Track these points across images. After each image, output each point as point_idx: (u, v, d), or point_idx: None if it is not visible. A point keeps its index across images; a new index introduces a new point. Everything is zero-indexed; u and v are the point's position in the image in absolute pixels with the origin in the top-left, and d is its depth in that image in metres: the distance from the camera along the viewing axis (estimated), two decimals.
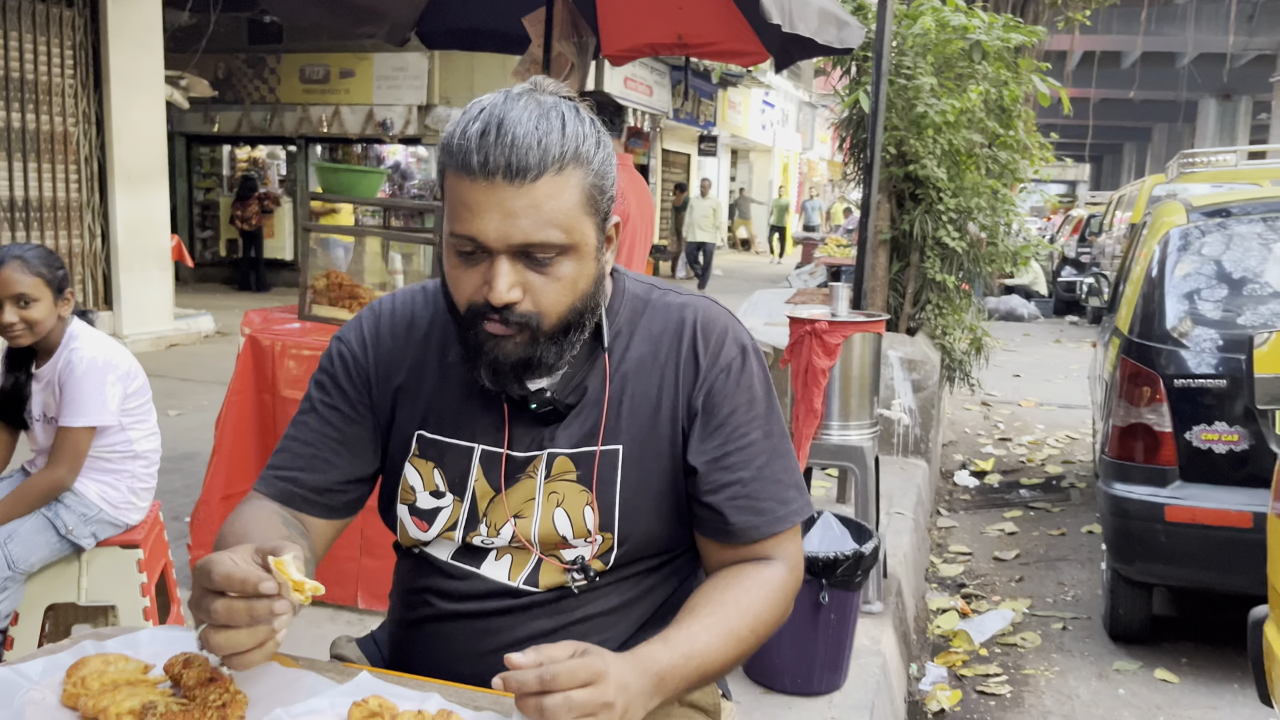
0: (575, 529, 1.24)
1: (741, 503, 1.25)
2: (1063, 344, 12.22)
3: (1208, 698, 3.54)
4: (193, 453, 5.39)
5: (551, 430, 1.25)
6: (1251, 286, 3.67)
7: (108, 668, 1.05)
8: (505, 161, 1.11)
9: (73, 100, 8.57)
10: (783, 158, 28.41)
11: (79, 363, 2.45)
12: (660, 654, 1.10)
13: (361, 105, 13.62)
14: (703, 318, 1.29)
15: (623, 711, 1.01)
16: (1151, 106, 34.79)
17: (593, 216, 1.18)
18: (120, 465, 2.57)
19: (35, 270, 2.44)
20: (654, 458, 1.26)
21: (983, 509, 5.83)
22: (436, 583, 1.29)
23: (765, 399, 1.29)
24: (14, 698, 1.02)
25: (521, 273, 1.15)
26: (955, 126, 5.53)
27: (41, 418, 2.54)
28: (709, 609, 1.18)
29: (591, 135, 1.17)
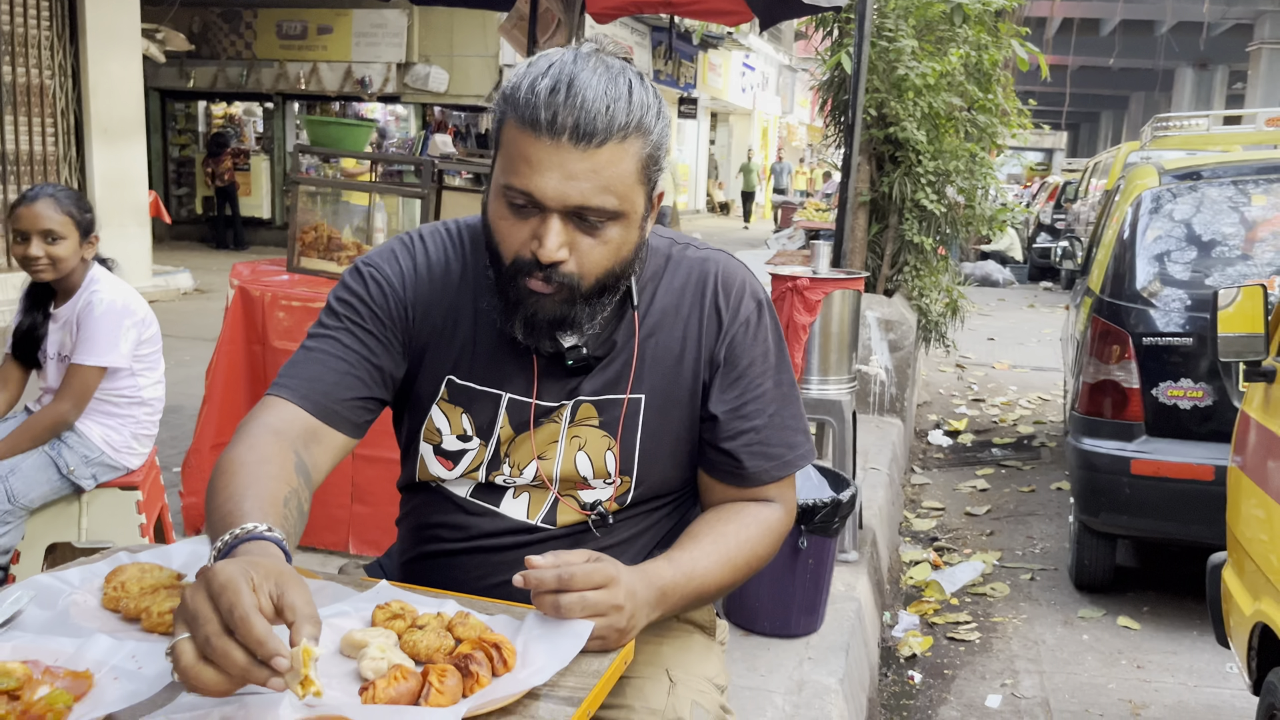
0: (596, 470, 1.30)
1: (756, 449, 1.32)
2: (1036, 309, 12.38)
3: (1167, 643, 3.70)
4: (176, 406, 5.40)
5: (579, 380, 1.29)
6: (1220, 248, 3.78)
7: (145, 575, 1.12)
8: (574, 123, 1.11)
9: (49, 52, 8.45)
10: (762, 121, 28.35)
11: (98, 304, 2.52)
12: (665, 571, 1.19)
13: (340, 62, 13.48)
14: (723, 272, 1.34)
15: (630, 615, 1.09)
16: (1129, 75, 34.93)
17: (644, 186, 1.20)
18: (125, 410, 2.63)
19: (65, 209, 2.51)
20: (674, 406, 1.31)
21: (955, 467, 5.97)
22: (454, 518, 1.33)
23: (777, 350, 1.35)
24: (57, 600, 1.09)
25: (571, 233, 1.16)
26: (935, 89, 5.60)
27: (56, 356, 2.60)
28: (711, 537, 1.27)
29: (654, 105, 1.18)
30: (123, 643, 0.99)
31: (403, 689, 0.93)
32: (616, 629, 1.08)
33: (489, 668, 0.98)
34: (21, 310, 2.66)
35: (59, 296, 2.62)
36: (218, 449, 3.60)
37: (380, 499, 3.34)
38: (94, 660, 0.96)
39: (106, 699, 0.90)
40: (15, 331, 2.64)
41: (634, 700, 1.23)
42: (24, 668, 0.92)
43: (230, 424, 3.61)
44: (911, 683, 3.42)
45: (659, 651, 1.31)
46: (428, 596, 1.15)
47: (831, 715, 2.58)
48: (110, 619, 1.08)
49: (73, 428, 2.57)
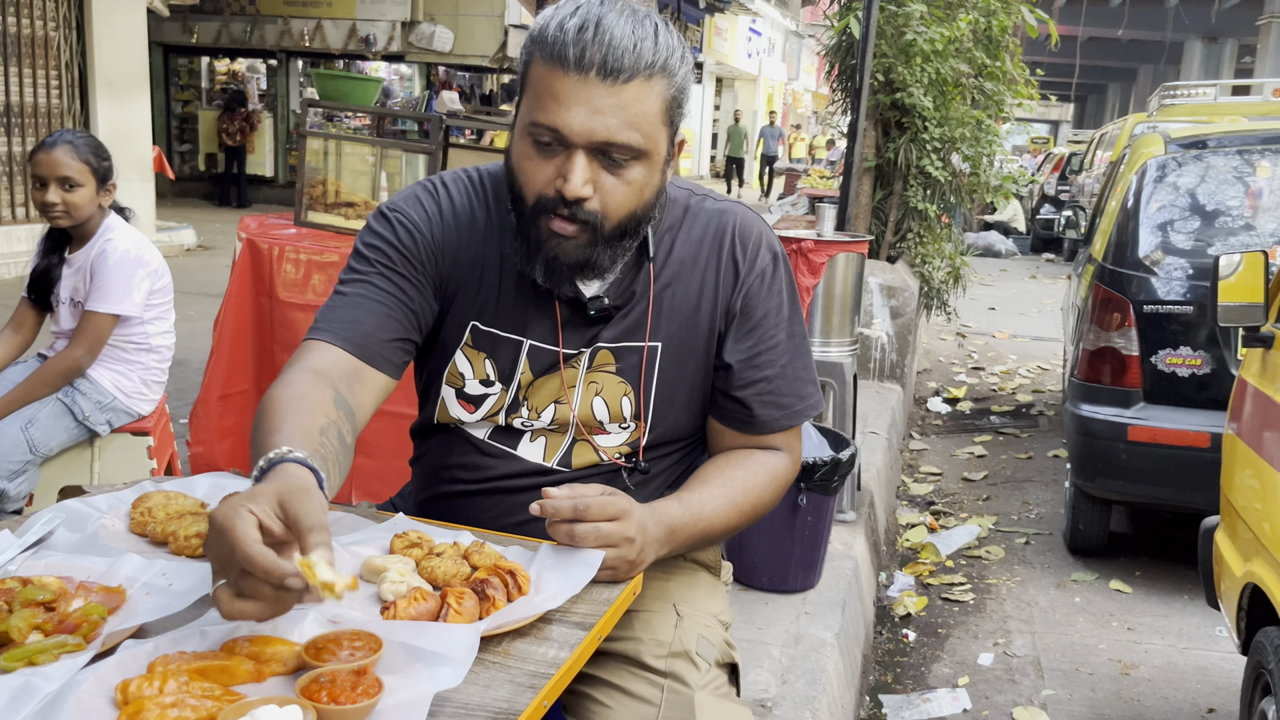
0: (612, 415, 1.33)
1: (767, 398, 1.35)
2: (1038, 280, 12.39)
3: (1158, 606, 3.76)
4: (181, 360, 5.41)
5: (599, 329, 1.32)
6: (1223, 218, 3.80)
7: (170, 501, 1.16)
8: (601, 59, 1.13)
9: (52, 4, 8.40)
10: (768, 87, 28.16)
11: (113, 253, 2.55)
12: (674, 510, 1.23)
13: (344, 20, 13.38)
14: (740, 224, 1.36)
15: (640, 548, 1.13)
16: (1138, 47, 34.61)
17: (668, 128, 1.22)
18: (134, 357, 2.67)
19: (83, 157, 2.53)
20: (690, 355, 1.34)
21: (954, 434, 6.02)
22: (472, 459, 1.36)
23: (790, 302, 1.38)
24: (86, 524, 1.13)
25: (595, 171, 1.18)
26: (943, 55, 5.58)
27: (69, 301, 2.63)
28: (720, 481, 1.30)
29: (679, 49, 1.20)
30: (153, 561, 1.03)
31: (422, 609, 0.97)
32: (627, 560, 1.12)
33: (504, 592, 1.02)
34: (39, 253, 2.70)
35: (75, 242, 2.65)
36: (225, 399, 3.63)
37: (384, 452, 3.37)
38: (126, 576, 1.00)
39: (140, 611, 0.94)
40: (32, 273, 2.68)
41: (642, 632, 1.27)
42: (59, 582, 0.96)
43: (238, 376, 3.64)
44: (906, 640, 3.48)
45: (666, 587, 1.36)
46: (443, 529, 1.19)
47: (827, 668, 2.64)
48: (138, 542, 1.12)
49: (85, 375, 2.60)
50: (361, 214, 3.76)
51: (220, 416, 3.64)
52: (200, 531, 1.10)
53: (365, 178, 4.07)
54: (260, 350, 3.66)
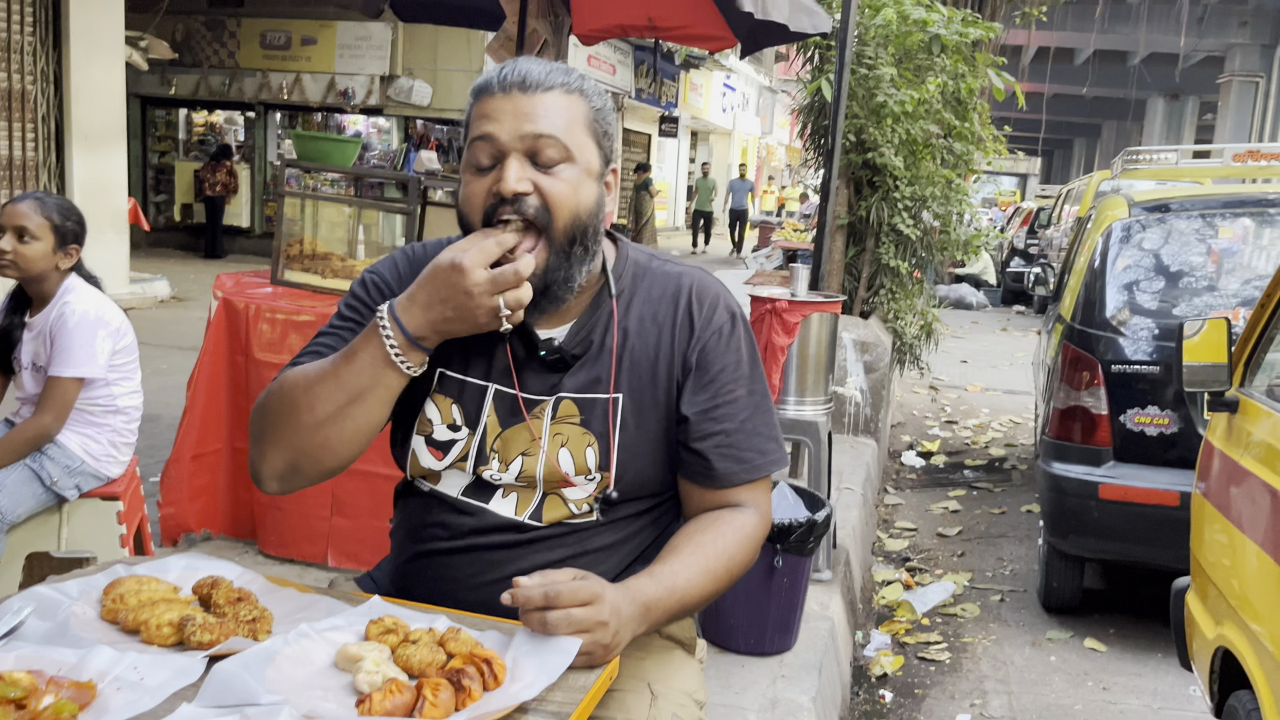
0: (577, 467, 1.36)
1: (725, 450, 1.38)
2: (1009, 332, 12.53)
3: (1133, 665, 3.77)
4: (153, 415, 5.38)
5: (559, 377, 1.37)
6: (1187, 279, 3.88)
7: (142, 587, 1.15)
8: (520, 78, 1.30)
9: (31, 58, 8.43)
10: (742, 141, 28.55)
11: (71, 315, 2.52)
12: (648, 587, 1.23)
13: (323, 73, 13.49)
14: (698, 285, 1.43)
15: (615, 631, 1.14)
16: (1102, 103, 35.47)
17: (593, 141, 1.34)
18: (102, 419, 2.64)
19: (46, 213, 2.52)
20: (650, 406, 1.38)
21: (928, 488, 6.05)
22: (446, 517, 1.39)
23: (750, 360, 1.42)
24: (56, 612, 1.12)
25: (530, 170, 1.28)
26: (913, 116, 5.69)
27: (30, 366, 2.60)
28: (689, 549, 1.31)
29: (593, 87, 1.36)
30: (124, 654, 1.02)
31: (398, 702, 0.97)
32: (602, 645, 1.12)
33: (480, 682, 1.02)
34: (2, 314, 2.67)
35: (35, 305, 2.62)
36: (198, 459, 3.60)
37: (360, 512, 3.35)
38: (97, 671, 0.99)
39: (111, 708, 0.93)
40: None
41: (616, 713, 1.27)
42: (29, 677, 0.95)
43: (211, 435, 3.62)
44: (882, 702, 3.47)
45: (641, 666, 1.36)
46: (419, 612, 1.19)
47: None
48: (109, 631, 1.11)
49: (53, 440, 2.57)
50: (338, 271, 3.77)
51: (192, 476, 3.60)
52: (173, 620, 1.09)
53: (342, 231, 4.09)
54: (235, 409, 3.64)
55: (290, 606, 1.19)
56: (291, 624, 1.13)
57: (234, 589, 1.17)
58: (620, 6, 4.81)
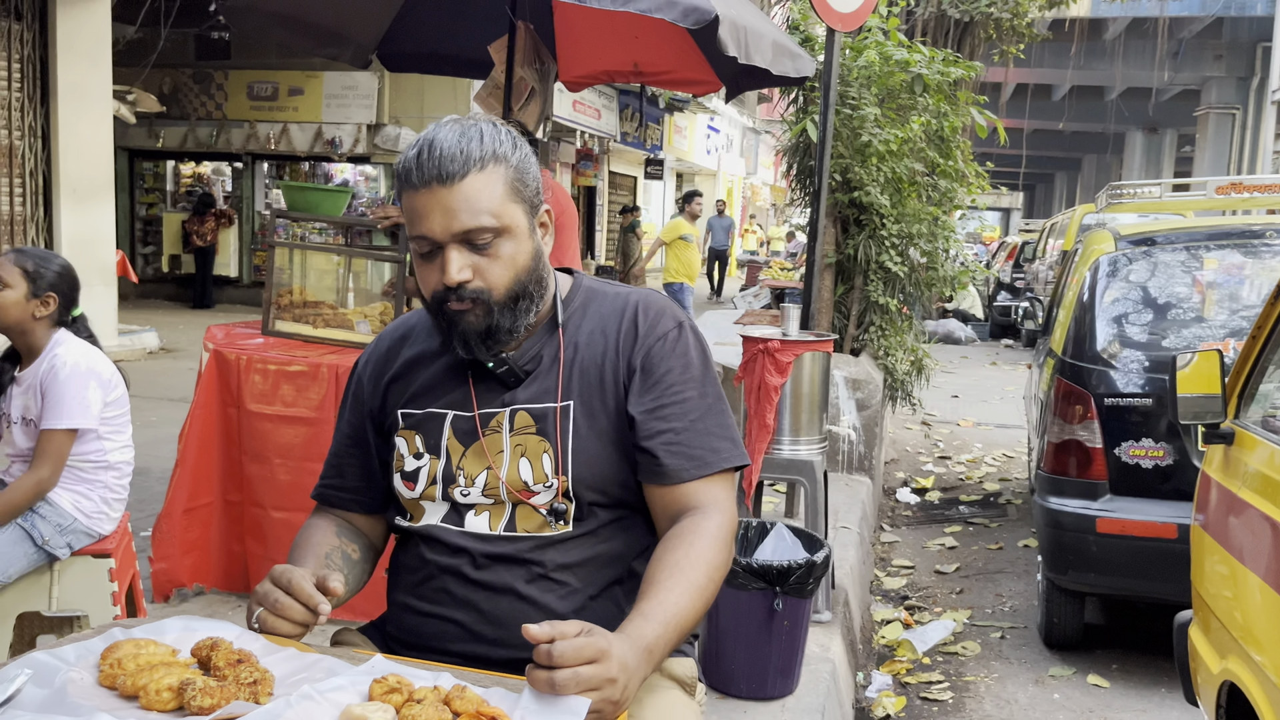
0: (535, 475, 1.43)
1: (675, 448, 1.43)
2: (999, 366, 12.58)
3: (1137, 701, 3.73)
4: (143, 468, 5.32)
5: (513, 392, 1.47)
6: (1175, 311, 3.90)
7: (140, 651, 1.13)
8: (436, 170, 1.34)
9: (19, 114, 8.46)
10: (727, 181, 28.78)
11: (62, 367, 2.51)
12: (645, 628, 1.23)
13: (310, 123, 13.56)
14: (644, 299, 1.53)
15: (624, 686, 1.12)
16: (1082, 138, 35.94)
17: (520, 203, 1.40)
18: (93, 475, 2.61)
19: (21, 262, 2.53)
20: (600, 410, 1.46)
21: (924, 524, 6.02)
22: (432, 545, 1.47)
23: (701, 366, 1.49)
24: (53, 678, 1.10)
25: (469, 256, 1.37)
26: (898, 155, 5.75)
27: (20, 420, 2.57)
28: (668, 572, 1.32)
29: (508, 140, 1.40)
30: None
31: None
32: (611, 701, 1.10)
33: None
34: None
35: (24, 360, 2.61)
36: (190, 513, 3.57)
37: None
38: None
39: None
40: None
41: None
42: None
43: (203, 489, 3.58)
44: None
45: (641, 706, 1.37)
46: (423, 669, 1.17)
47: None
48: (108, 697, 1.09)
49: (44, 498, 2.54)
50: (329, 320, 3.76)
51: (185, 530, 3.57)
52: (172, 685, 1.07)
53: (331, 279, 4.08)
54: (228, 461, 3.61)
55: (291, 667, 1.17)
56: (293, 685, 1.11)
57: (234, 650, 1.15)
58: (605, 53, 4.85)
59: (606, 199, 21.35)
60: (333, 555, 1.47)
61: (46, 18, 8.50)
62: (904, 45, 5.97)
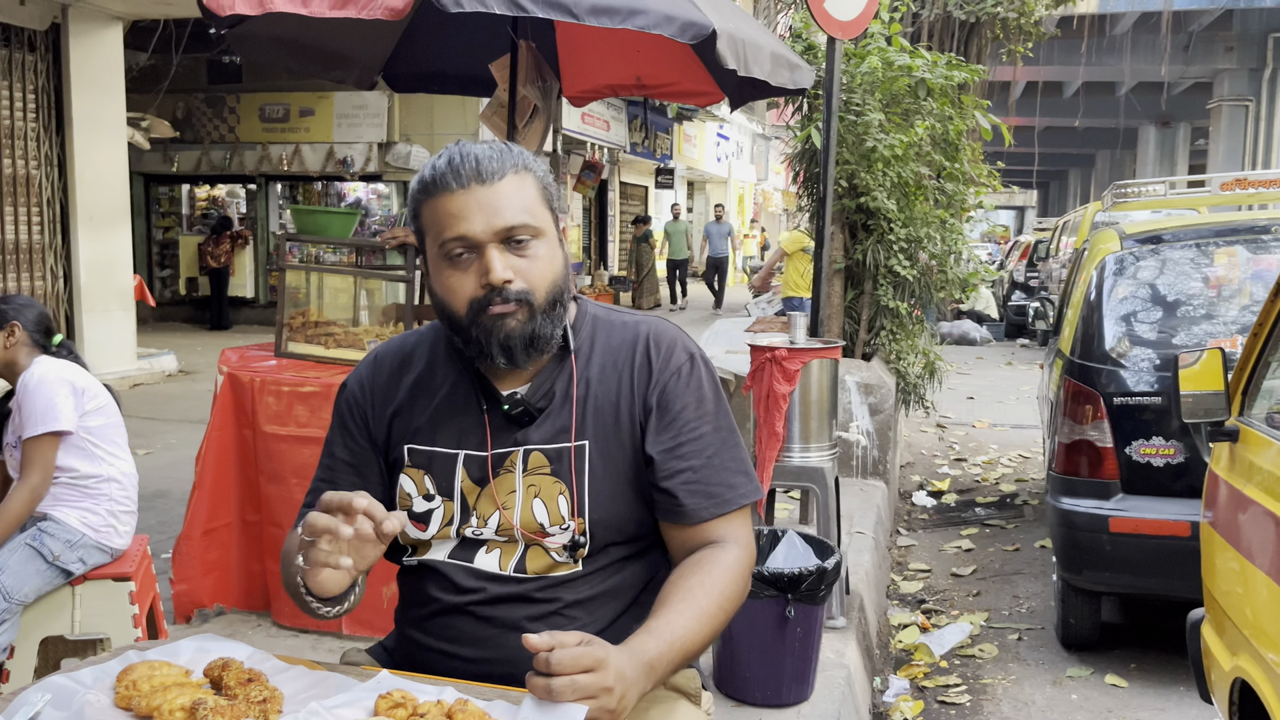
0: (551, 517, 1.41)
1: (694, 487, 1.42)
2: (1014, 366, 12.54)
3: (1156, 700, 3.73)
4: (164, 490, 5.43)
5: (525, 431, 1.43)
6: (1182, 309, 3.90)
7: (154, 672, 1.17)
8: (475, 170, 1.35)
9: (35, 143, 8.59)
10: (738, 188, 28.82)
11: (31, 380, 2.64)
12: (648, 644, 1.25)
13: (322, 143, 13.69)
14: (654, 331, 1.50)
15: (620, 696, 1.15)
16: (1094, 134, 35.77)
17: (549, 210, 1.42)
18: (96, 489, 2.69)
19: None
20: (617, 450, 1.44)
21: (940, 527, 6.02)
22: (438, 582, 1.46)
23: (714, 399, 1.47)
24: (71, 701, 1.14)
25: (509, 258, 1.37)
26: (904, 160, 5.77)
27: (15, 443, 2.67)
28: (680, 595, 1.34)
29: (530, 156, 1.43)
30: None
31: None
32: (608, 710, 1.13)
33: None
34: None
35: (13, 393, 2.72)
36: (209, 535, 3.62)
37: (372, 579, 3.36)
38: None
39: None
40: None
41: None
42: None
43: (221, 509, 3.63)
44: None
45: (646, 715, 1.38)
46: (427, 684, 1.20)
47: None
48: (124, 717, 1.13)
49: (50, 516, 2.62)
50: (341, 341, 3.81)
51: (204, 551, 3.62)
52: (185, 705, 1.11)
53: (345, 298, 4.13)
54: (244, 482, 3.66)
55: (300, 685, 1.20)
56: (302, 702, 1.15)
57: (245, 670, 1.19)
58: (608, 67, 4.90)
59: (618, 209, 21.41)
60: None
61: (59, 48, 8.63)
62: (906, 50, 5.99)
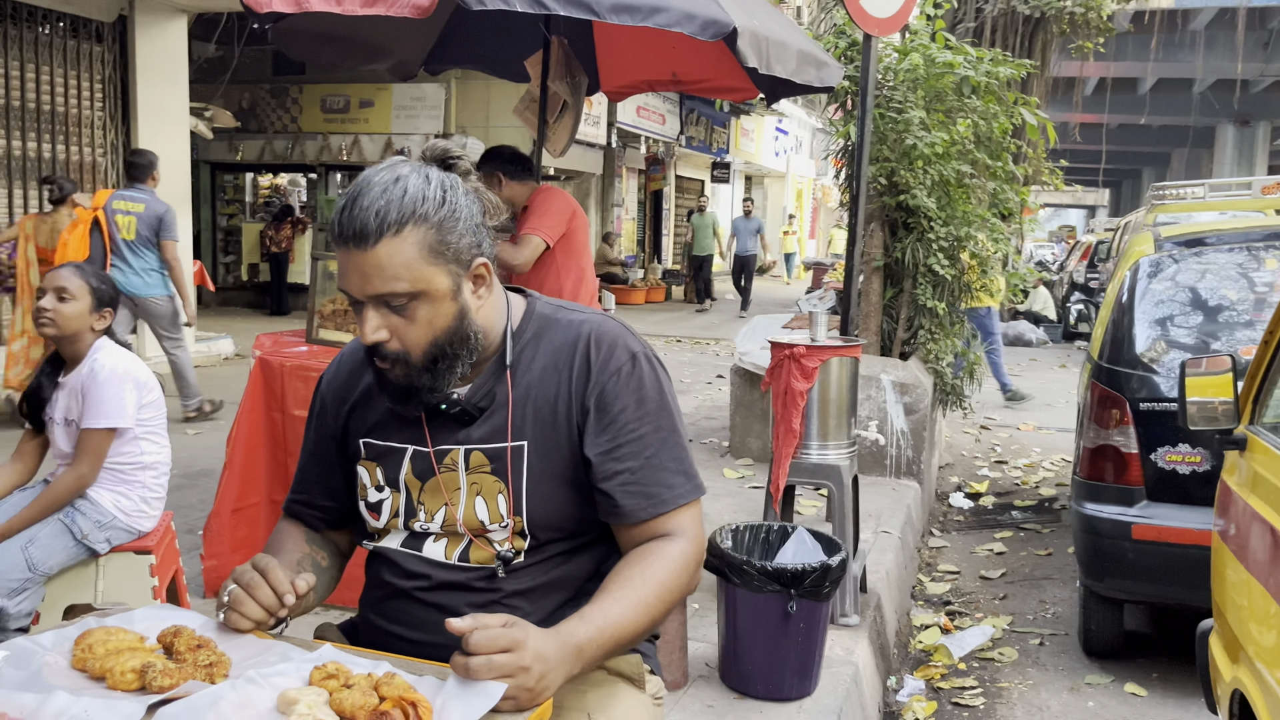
0: (491, 515, 1.47)
1: (631, 488, 1.45)
2: (1068, 369, 12.29)
3: (1175, 710, 3.67)
4: (210, 469, 5.61)
5: (467, 430, 1.48)
6: (1213, 315, 3.83)
7: (110, 638, 1.25)
8: (353, 231, 1.34)
9: (101, 132, 8.90)
10: (796, 183, 28.63)
11: (101, 370, 2.70)
12: (577, 629, 1.30)
13: (380, 134, 13.94)
14: (596, 331, 1.51)
15: (539, 676, 1.20)
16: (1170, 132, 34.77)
17: (439, 264, 1.37)
18: (132, 475, 2.79)
19: (85, 277, 2.73)
20: (554, 450, 1.47)
21: (974, 530, 5.96)
22: (392, 567, 1.53)
23: (656, 398, 1.49)
24: (30, 661, 1.22)
25: (387, 316, 1.38)
26: (945, 158, 5.71)
27: (63, 421, 2.77)
28: (619, 584, 1.39)
29: (434, 196, 1.37)
30: (79, 698, 1.11)
31: None
32: (525, 688, 1.18)
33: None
34: (36, 373, 2.85)
35: (68, 365, 2.80)
36: (238, 513, 3.74)
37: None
38: (51, 714, 1.08)
39: None
40: (25, 391, 2.83)
41: None
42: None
43: (250, 489, 3.76)
44: None
45: (583, 698, 1.42)
46: (364, 658, 1.26)
47: None
48: (79, 678, 1.21)
49: (85, 495, 2.73)
50: None
51: (233, 529, 3.75)
52: (135, 667, 1.19)
53: None
54: (273, 463, 3.78)
55: (247, 652, 1.27)
56: (247, 668, 1.21)
57: (195, 636, 1.26)
58: (645, 63, 4.93)
59: (673, 203, 21.43)
60: (304, 562, 1.54)
61: (126, 39, 8.92)
62: (948, 47, 5.93)
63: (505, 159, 4.19)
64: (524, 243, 4.04)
